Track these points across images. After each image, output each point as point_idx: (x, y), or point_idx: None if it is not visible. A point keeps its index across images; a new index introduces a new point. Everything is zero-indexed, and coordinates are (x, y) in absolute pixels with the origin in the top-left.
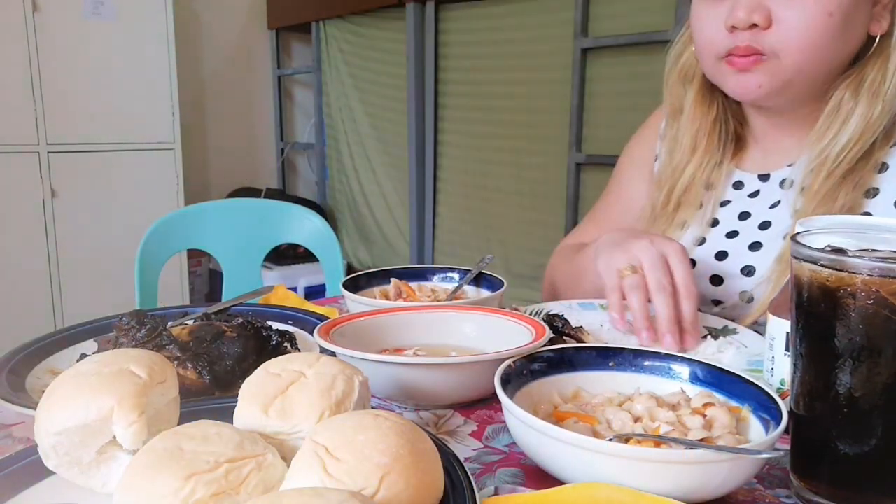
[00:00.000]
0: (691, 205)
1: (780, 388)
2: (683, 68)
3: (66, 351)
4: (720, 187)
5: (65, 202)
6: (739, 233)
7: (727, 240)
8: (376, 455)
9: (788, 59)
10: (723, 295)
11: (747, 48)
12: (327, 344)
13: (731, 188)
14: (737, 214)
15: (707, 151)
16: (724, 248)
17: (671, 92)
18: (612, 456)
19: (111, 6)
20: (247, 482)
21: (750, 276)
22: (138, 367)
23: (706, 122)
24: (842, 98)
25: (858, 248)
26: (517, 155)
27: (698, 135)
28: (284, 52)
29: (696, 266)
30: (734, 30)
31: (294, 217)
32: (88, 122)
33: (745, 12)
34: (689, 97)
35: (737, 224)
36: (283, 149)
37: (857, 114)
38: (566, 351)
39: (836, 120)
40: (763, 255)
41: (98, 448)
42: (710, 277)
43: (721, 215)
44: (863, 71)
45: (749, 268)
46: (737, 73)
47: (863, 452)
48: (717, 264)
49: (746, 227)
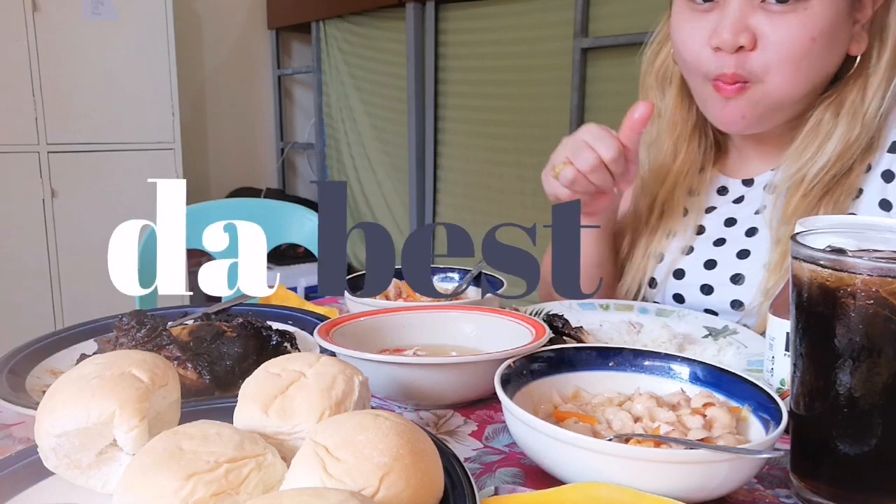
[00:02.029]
0: (675, 212)
1: (780, 388)
2: (660, 71)
3: (66, 351)
4: (704, 193)
5: (65, 202)
6: (727, 240)
7: (715, 248)
8: (376, 455)
9: (771, 82)
10: (714, 304)
11: (734, 76)
12: (327, 344)
13: (716, 194)
14: (723, 221)
15: (687, 159)
16: (713, 257)
17: (647, 95)
18: (612, 456)
19: (111, 6)
20: (247, 482)
21: (739, 284)
22: (140, 371)
23: (686, 129)
24: (822, 119)
25: (858, 248)
26: (517, 155)
27: (678, 141)
28: (284, 52)
29: (685, 276)
30: (719, 50)
31: (294, 217)
32: (88, 122)
33: (731, 34)
34: (667, 101)
35: (723, 231)
36: (283, 149)
37: (836, 135)
38: (566, 351)
39: (815, 139)
40: (751, 262)
41: (98, 450)
42: (700, 287)
43: (707, 222)
44: (843, 91)
45: (738, 276)
46: (722, 100)
47: (863, 452)
48: (706, 273)
49: (733, 235)
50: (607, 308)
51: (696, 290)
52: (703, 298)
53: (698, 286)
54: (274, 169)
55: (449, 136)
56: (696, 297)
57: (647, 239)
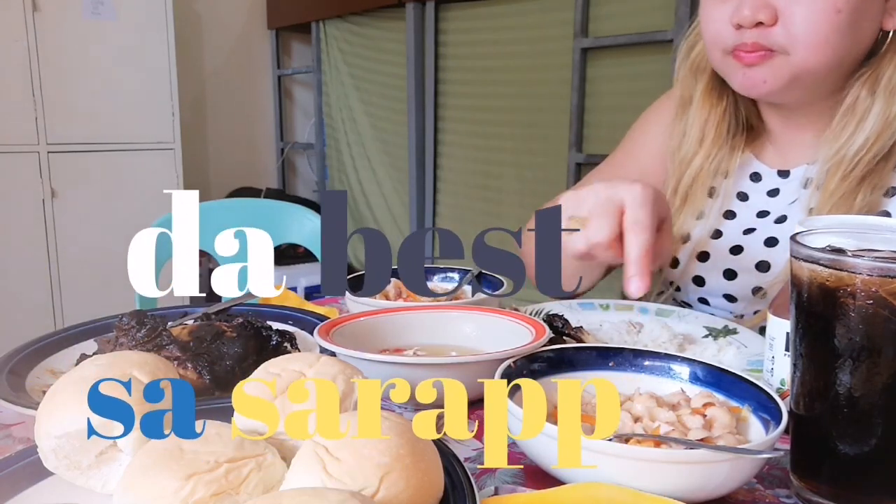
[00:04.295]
0: (699, 197)
1: (780, 388)
2: (695, 61)
3: (66, 351)
4: (733, 176)
5: (65, 202)
6: (756, 229)
7: (744, 236)
8: (376, 455)
9: (796, 56)
10: (736, 290)
11: (754, 45)
12: (327, 344)
13: (749, 179)
14: (755, 213)
15: (715, 143)
16: (740, 243)
17: (682, 84)
18: (612, 456)
19: (111, 6)
20: (247, 482)
21: (765, 272)
22: (141, 373)
23: (715, 113)
24: (858, 96)
25: (858, 248)
26: (517, 155)
27: (706, 126)
28: (284, 52)
29: (709, 258)
30: (740, 27)
31: (294, 217)
32: (88, 122)
33: (751, 10)
34: (698, 88)
35: (755, 221)
36: (283, 149)
37: (874, 112)
38: (566, 351)
39: (853, 119)
40: (779, 250)
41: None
42: (724, 271)
43: (738, 209)
44: (878, 67)
45: (764, 263)
46: (743, 67)
47: (863, 452)
48: (731, 259)
49: (763, 223)
50: (607, 308)
51: (719, 275)
52: (725, 283)
53: (722, 270)
54: (274, 169)
55: (449, 136)
56: (718, 281)
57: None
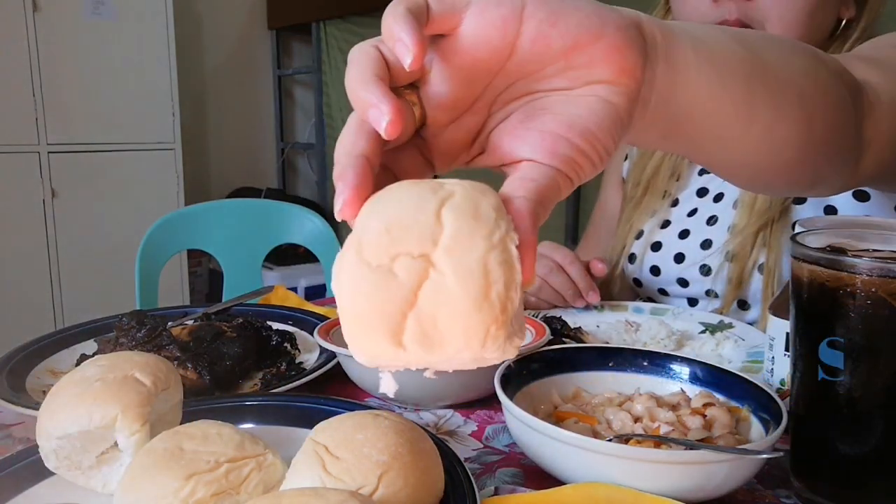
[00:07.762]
0: (658, 191)
1: (780, 388)
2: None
3: (66, 351)
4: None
5: (65, 202)
6: (698, 209)
7: (688, 218)
8: (375, 453)
9: (773, 30)
10: (685, 272)
11: (737, 21)
12: (327, 344)
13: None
14: (695, 192)
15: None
16: (686, 227)
17: None
18: (612, 456)
19: (111, 6)
20: (247, 482)
21: (707, 249)
22: (143, 375)
23: None
24: None
25: (858, 248)
26: None
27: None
28: (284, 52)
29: (661, 248)
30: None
31: (294, 217)
32: (88, 122)
33: None
34: None
35: (696, 201)
36: (283, 149)
37: None
38: (566, 351)
39: None
40: (718, 227)
41: (99, 452)
42: (674, 256)
43: (681, 195)
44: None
45: (707, 241)
46: None
47: (863, 452)
48: (680, 243)
49: (703, 202)
50: (601, 309)
51: (671, 260)
52: (676, 267)
53: (672, 255)
54: (274, 169)
55: None
56: (671, 266)
57: (629, 214)
